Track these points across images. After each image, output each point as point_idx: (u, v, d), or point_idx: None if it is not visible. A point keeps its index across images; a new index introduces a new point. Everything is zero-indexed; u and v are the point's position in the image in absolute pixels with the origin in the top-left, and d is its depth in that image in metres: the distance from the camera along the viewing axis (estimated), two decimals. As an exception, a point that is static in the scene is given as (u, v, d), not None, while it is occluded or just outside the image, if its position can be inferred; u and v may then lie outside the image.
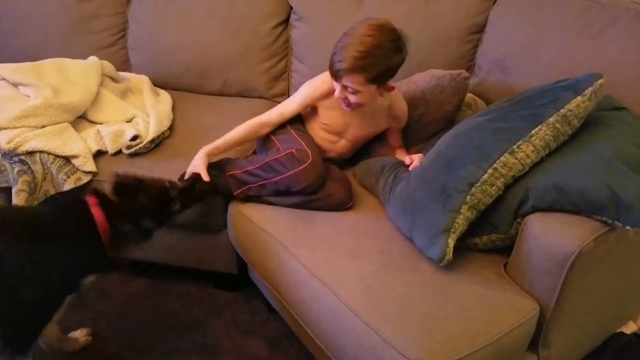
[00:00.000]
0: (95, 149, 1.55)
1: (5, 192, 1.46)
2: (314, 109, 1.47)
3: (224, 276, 1.65)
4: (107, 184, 1.20)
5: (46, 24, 1.95)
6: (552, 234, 1.00)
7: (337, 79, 1.27)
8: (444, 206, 1.09)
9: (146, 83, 1.87)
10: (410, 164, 1.37)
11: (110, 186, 1.18)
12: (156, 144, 1.60)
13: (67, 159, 1.50)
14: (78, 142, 1.52)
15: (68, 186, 1.47)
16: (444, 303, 1.04)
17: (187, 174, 1.38)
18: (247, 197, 1.38)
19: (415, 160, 1.36)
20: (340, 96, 1.30)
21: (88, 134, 1.58)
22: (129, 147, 1.54)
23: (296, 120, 1.47)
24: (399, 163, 1.40)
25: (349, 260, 1.16)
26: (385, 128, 1.50)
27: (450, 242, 1.08)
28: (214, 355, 1.48)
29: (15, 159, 1.45)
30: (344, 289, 1.09)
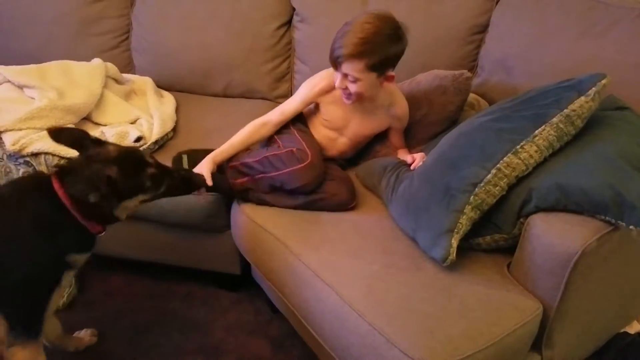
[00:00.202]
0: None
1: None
2: (315, 106, 1.47)
3: (227, 276, 1.66)
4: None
5: (50, 27, 1.96)
6: (556, 234, 1.00)
7: (338, 67, 1.27)
8: (447, 206, 1.09)
9: (150, 85, 1.87)
10: (412, 162, 1.37)
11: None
12: (160, 145, 1.61)
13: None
14: (82, 144, 1.53)
15: (73, 187, 1.48)
16: (447, 303, 1.04)
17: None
18: (249, 198, 1.38)
19: (417, 159, 1.36)
20: (340, 86, 1.30)
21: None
22: None
23: (298, 121, 1.47)
24: (401, 163, 1.40)
25: (352, 260, 1.16)
26: (387, 127, 1.50)
27: (454, 243, 1.08)
28: (217, 355, 1.48)
29: (21, 161, 1.46)
30: (347, 289, 1.09)
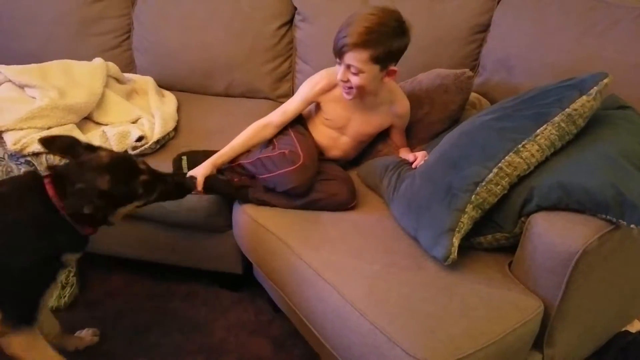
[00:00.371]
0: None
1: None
2: (316, 106, 1.47)
3: (229, 276, 1.66)
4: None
5: (51, 26, 1.96)
6: (557, 233, 1.00)
7: (341, 57, 1.26)
8: (449, 205, 1.09)
9: (151, 84, 1.88)
10: (414, 161, 1.37)
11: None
12: (161, 144, 1.61)
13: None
14: (84, 143, 1.53)
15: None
16: (448, 302, 1.04)
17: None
18: (249, 199, 1.38)
19: (419, 158, 1.36)
20: (343, 78, 1.29)
21: (94, 135, 1.59)
22: (134, 148, 1.54)
23: (298, 122, 1.47)
24: (403, 162, 1.40)
25: (354, 259, 1.16)
26: (388, 125, 1.50)
27: (455, 242, 1.08)
28: (219, 355, 1.48)
29: (22, 160, 1.47)
30: (348, 288, 1.10)
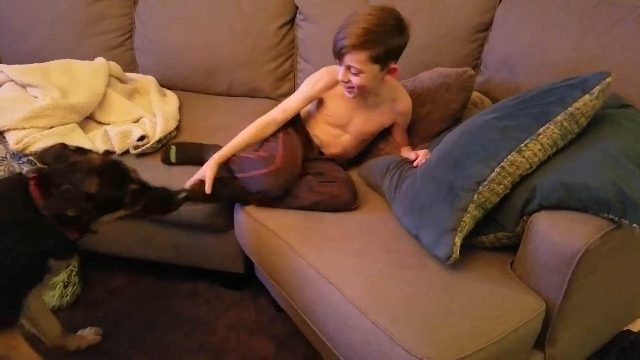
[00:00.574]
0: (102, 149, 1.55)
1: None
2: (318, 102, 1.47)
3: (231, 275, 1.66)
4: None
5: (54, 26, 1.96)
6: (559, 232, 1.00)
7: (341, 58, 1.27)
8: (451, 205, 1.09)
9: (153, 84, 1.88)
10: (415, 159, 1.37)
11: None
12: (163, 144, 1.61)
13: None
14: (86, 143, 1.53)
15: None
16: (450, 301, 1.04)
17: (193, 180, 1.37)
18: (250, 201, 1.39)
19: (421, 156, 1.36)
20: (343, 79, 1.30)
21: (96, 135, 1.60)
22: (136, 147, 1.55)
23: (293, 124, 1.46)
24: (404, 160, 1.40)
25: (356, 259, 1.16)
26: (390, 124, 1.50)
27: (457, 241, 1.08)
28: (221, 354, 1.48)
29: (24, 160, 1.47)
30: (350, 287, 1.10)
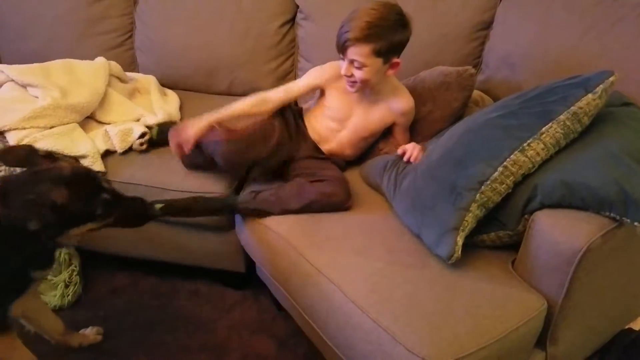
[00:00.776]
0: (103, 148, 1.55)
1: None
2: (320, 95, 1.49)
3: (232, 274, 1.66)
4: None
5: (54, 26, 1.97)
6: (560, 231, 1.00)
7: (344, 51, 1.30)
8: (453, 204, 1.09)
9: (153, 83, 1.88)
10: (403, 154, 1.36)
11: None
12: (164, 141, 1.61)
13: (76, 159, 1.50)
14: (86, 142, 1.53)
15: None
16: (451, 300, 1.04)
17: (176, 136, 1.41)
18: (240, 210, 1.39)
19: (409, 151, 1.35)
20: (346, 73, 1.32)
21: (96, 134, 1.60)
22: (141, 144, 1.56)
23: (280, 114, 1.49)
24: (399, 157, 1.39)
25: (357, 258, 1.16)
26: (391, 123, 1.49)
27: (459, 240, 1.07)
28: (222, 353, 1.48)
29: (25, 160, 1.47)
30: (351, 286, 1.10)
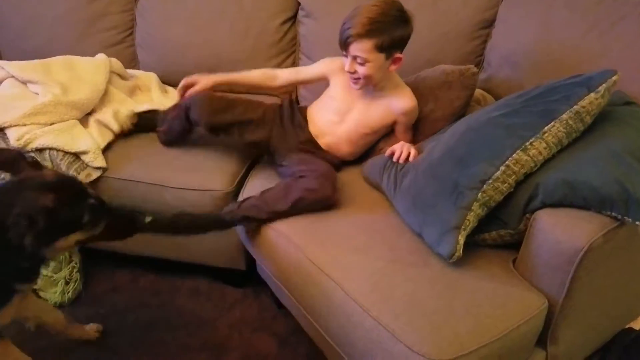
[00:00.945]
0: (103, 144, 1.56)
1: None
2: (327, 86, 1.53)
3: (233, 272, 1.66)
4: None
5: (56, 23, 1.96)
6: (562, 230, 1.00)
7: (347, 48, 1.32)
8: (455, 203, 1.09)
9: (155, 80, 1.88)
10: (391, 154, 1.36)
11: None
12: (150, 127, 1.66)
13: (77, 156, 1.51)
14: (87, 139, 1.53)
15: (79, 182, 1.49)
16: (452, 299, 1.04)
17: (185, 81, 1.55)
18: (228, 223, 1.38)
19: (397, 151, 1.35)
20: (350, 69, 1.35)
21: (93, 128, 1.59)
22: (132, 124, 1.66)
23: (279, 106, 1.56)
24: (391, 158, 1.39)
25: (358, 256, 1.16)
26: (391, 122, 1.49)
27: (461, 239, 1.07)
28: (223, 351, 1.48)
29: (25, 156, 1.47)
30: (352, 284, 1.10)
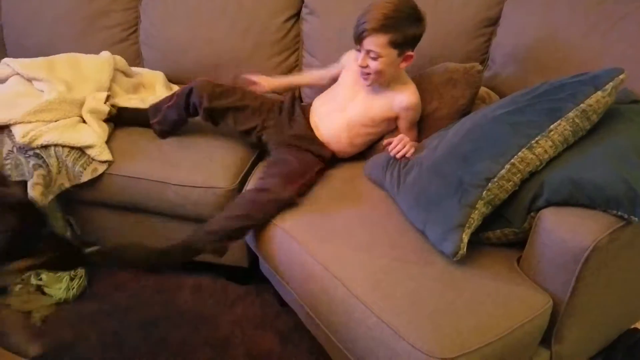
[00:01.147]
0: (105, 137, 1.56)
1: (22, 186, 1.48)
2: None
3: (236, 269, 1.66)
4: None
5: (60, 20, 1.97)
6: (567, 229, 0.99)
7: (361, 42, 1.34)
8: (459, 201, 1.08)
9: (160, 78, 1.88)
10: (387, 145, 1.37)
11: None
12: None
13: (82, 151, 1.51)
14: (92, 133, 1.54)
15: (85, 177, 1.50)
16: (455, 296, 1.04)
17: (252, 75, 1.68)
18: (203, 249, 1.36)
19: (394, 143, 1.36)
20: (362, 64, 1.37)
21: (96, 123, 1.59)
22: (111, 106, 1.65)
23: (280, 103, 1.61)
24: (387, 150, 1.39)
25: (360, 253, 1.16)
26: (393, 117, 1.48)
27: (465, 238, 1.07)
28: (226, 348, 1.48)
29: (30, 153, 1.47)
30: (354, 281, 1.09)
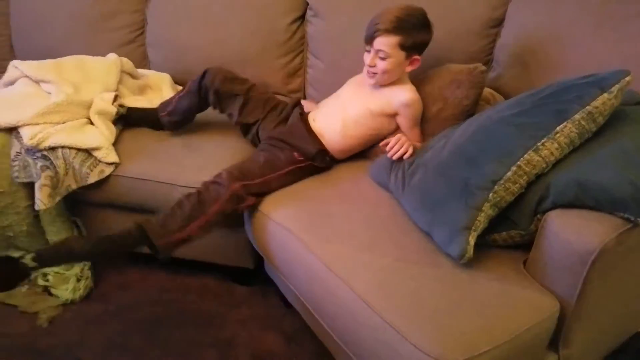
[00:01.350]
0: (112, 138, 1.58)
1: (29, 187, 1.50)
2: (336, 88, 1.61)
3: (241, 270, 1.67)
4: None
5: (67, 23, 1.98)
6: (573, 231, 0.99)
7: (372, 41, 1.39)
8: (465, 203, 1.08)
9: (167, 80, 1.89)
10: (385, 146, 1.37)
11: None
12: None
13: (89, 153, 1.52)
14: (98, 135, 1.55)
15: (92, 179, 1.51)
16: (461, 298, 1.03)
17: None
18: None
19: (391, 143, 1.36)
20: (370, 63, 1.41)
21: (103, 125, 1.60)
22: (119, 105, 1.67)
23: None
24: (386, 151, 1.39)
25: (364, 253, 1.16)
26: (392, 113, 1.49)
27: (471, 240, 1.06)
28: (231, 349, 1.49)
29: (38, 155, 1.48)
30: (358, 282, 1.09)
